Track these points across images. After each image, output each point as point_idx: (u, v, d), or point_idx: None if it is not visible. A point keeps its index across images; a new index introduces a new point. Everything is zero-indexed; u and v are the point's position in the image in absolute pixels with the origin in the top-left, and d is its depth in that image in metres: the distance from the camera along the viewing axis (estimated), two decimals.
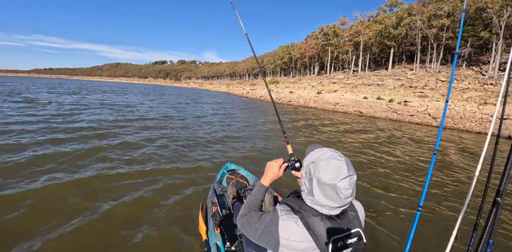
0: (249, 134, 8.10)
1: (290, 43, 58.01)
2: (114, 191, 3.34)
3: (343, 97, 22.34)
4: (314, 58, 45.82)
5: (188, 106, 16.49)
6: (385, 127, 11.37)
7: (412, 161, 5.73)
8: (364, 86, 26.53)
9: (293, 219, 0.91)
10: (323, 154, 0.90)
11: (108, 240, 2.39)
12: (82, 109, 11.62)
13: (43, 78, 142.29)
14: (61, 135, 6.16)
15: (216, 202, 2.08)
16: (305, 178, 0.93)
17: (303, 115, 14.61)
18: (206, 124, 9.66)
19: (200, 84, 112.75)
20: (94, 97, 18.38)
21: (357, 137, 8.49)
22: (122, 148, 5.42)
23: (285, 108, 19.25)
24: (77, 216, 2.74)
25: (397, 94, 22.20)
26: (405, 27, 28.90)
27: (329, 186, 0.83)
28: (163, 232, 2.50)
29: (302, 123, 11.43)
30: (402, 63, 34.98)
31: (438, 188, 4.14)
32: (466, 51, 27.34)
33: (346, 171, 0.84)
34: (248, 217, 1.03)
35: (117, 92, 27.43)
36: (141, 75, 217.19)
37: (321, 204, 0.88)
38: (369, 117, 15.39)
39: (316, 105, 19.59)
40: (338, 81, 30.66)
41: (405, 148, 7.17)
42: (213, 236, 1.86)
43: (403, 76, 27.33)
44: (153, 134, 7.18)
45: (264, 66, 70.75)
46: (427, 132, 10.84)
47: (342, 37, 39.05)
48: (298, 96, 25.33)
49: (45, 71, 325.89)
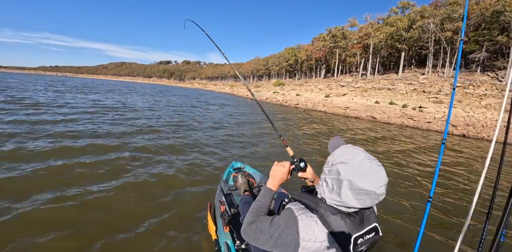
0: (256, 134, 7.81)
1: (297, 45, 57.21)
2: (123, 191, 3.26)
3: (353, 101, 21.42)
4: (320, 60, 44.96)
5: (197, 109, 15.72)
6: (409, 135, 10.46)
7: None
8: (374, 90, 25.60)
9: (312, 218, 0.85)
10: (355, 155, 0.84)
11: (116, 238, 2.34)
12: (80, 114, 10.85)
13: (48, 75, 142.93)
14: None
15: (224, 201, 2.03)
16: (330, 176, 0.87)
17: (315, 120, 13.74)
18: (216, 126, 8.95)
19: (204, 85, 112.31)
20: (93, 98, 17.66)
21: (385, 144, 7.60)
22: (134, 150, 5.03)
23: (293, 111, 18.39)
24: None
25: (410, 99, 21.24)
26: (418, 30, 27.95)
27: (364, 192, 0.78)
28: (173, 233, 2.48)
29: (317, 127, 10.57)
30: (412, 67, 34.01)
31: (448, 178, 4.10)
32: (481, 56, 26.31)
33: (385, 177, 0.80)
34: (257, 223, 0.96)
35: (121, 92, 26.76)
36: (146, 74, 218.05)
37: (348, 205, 0.82)
38: (383, 123, 14.46)
39: (326, 109, 18.69)
40: (346, 85, 29.75)
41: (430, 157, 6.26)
42: (223, 235, 1.86)
43: (414, 81, 26.38)
44: (165, 136, 6.59)
45: (269, 68, 70.06)
46: (452, 141, 9.90)
47: (350, 39, 38.18)
48: (306, 99, 24.45)
49: (51, 68, 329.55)
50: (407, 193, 3.83)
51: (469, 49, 27.47)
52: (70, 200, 2.89)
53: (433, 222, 2.95)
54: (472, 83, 22.63)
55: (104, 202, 2.93)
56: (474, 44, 27.10)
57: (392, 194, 3.66)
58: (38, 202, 2.79)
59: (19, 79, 40.97)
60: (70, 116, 8.07)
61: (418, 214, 3.10)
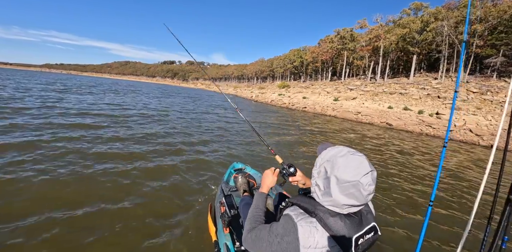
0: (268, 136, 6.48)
1: (302, 47, 56.21)
2: (122, 191, 3.17)
3: (364, 106, 20.31)
4: (327, 63, 43.89)
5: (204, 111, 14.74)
6: (436, 146, 9.34)
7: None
8: (385, 94, 24.47)
9: (312, 224, 0.84)
10: (339, 151, 0.86)
11: (113, 239, 2.29)
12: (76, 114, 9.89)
13: (53, 73, 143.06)
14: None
15: (224, 202, 1.95)
16: (319, 178, 0.87)
17: (327, 125, 12.66)
18: (223, 127, 7.93)
19: (208, 85, 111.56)
20: (90, 99, 16.74)
21: (419, 158, 6.51)
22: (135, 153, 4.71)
23: (302, 115, 17.32)
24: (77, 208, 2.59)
25: (425, 104, 20.09)
26: (431, 33, 26.81)
27: (350, 184, 0.78)
28: (172, 234, 2.44)
29: (332, 135, 9.50)
30: (422, 72, 32.82)
31: (449, 183, 4.05)
32: (498, 61, 25.10)
33: (368, 166, 0.80)
34: (256, 231, 0.97)
35: (125, 92, 25.89)
36: (150, 74, 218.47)
37: (340, 204, 0.82)
38: (400, 131, 13.34)
39: (336, 114, 17.59)
40: (355, 88, 28.64)
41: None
42: (223, 236, 1.84)
43: (427, 85, 25.23)
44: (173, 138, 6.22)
45: (273, 70, 69.11)
46: (478, 153, 8.76)
47: (359, 41, 37.07)
48: (314, 103, 23.35)
49: (57, 66, 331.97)
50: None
51: (484, 53, 26.28)
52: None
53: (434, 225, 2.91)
54: (490, 89, 21.47)
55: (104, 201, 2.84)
56: (491, 48, 25.91)
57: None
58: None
59: (54, 77, 40.36)
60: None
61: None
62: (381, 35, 30.56)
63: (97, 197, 2.95)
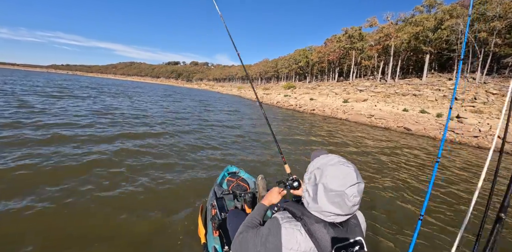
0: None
1: (308, 47, 55.01)
2: (112, 194, 3.06)
3: (377, 108, 19.13)
4: (334, 63, 42.63)
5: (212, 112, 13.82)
6: (476, 158, 8.21)
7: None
8: (398, 96, 23.25)
9: (296, 227, 0.85)
10: (330, 160, 0.87)
11: (100, 239, 2.25)
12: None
13: (59, 73, 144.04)
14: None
15: (216, 205, 1.99)
16: (309, 184, 0.88)
17: (344, 131, 11.60)
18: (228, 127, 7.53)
19: (212, 86, 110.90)
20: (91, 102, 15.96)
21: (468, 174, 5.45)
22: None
23: (312, 119, 16.26)
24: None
25: (442, 107, 18.85)
26: (446, 31, 25.46)
27: (336, 193, 0.79)
28: (161, 234, 2.41)
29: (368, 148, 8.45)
30: (434, 72, 31.40)
31: (440, 197, 3.94)
32: None
33: (355, 178, 0.80)
34: (244, 234, 0.98)
35: (129, 94, 25.18)
36: (154, 75, 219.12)
37: (325, 211, 0.82)
38: (421, 136, 12.21)
39: (348, 117, 16.47)
40: (365, 89, 27.44)
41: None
42: (212, 239, 1.83)
43: (442, 86, 23.93)
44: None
45: (278, 70, 68.03)
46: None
47: (367, 41, 35.77)
48: (323, 105, 22.23)
49: (63, 67, 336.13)
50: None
51: (503, 52, 24.87)
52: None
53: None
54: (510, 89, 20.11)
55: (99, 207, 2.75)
56: (510, 47, 24.50)
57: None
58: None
59: (22, 76, 40.05)
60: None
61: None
62: (392, 33, 29.27)
63: (86, 195, 2.92)
